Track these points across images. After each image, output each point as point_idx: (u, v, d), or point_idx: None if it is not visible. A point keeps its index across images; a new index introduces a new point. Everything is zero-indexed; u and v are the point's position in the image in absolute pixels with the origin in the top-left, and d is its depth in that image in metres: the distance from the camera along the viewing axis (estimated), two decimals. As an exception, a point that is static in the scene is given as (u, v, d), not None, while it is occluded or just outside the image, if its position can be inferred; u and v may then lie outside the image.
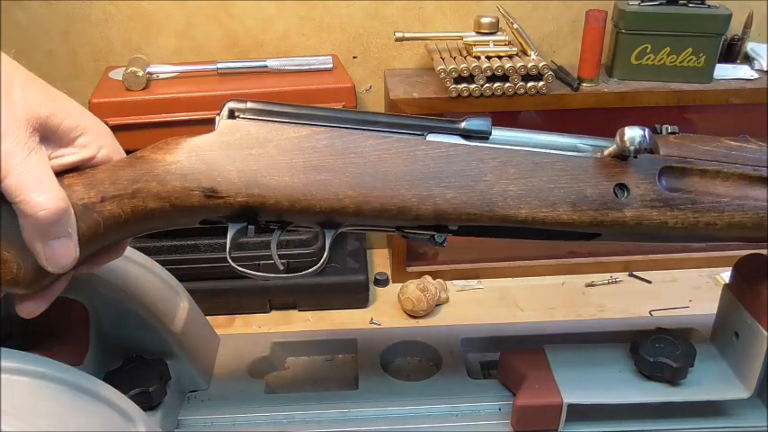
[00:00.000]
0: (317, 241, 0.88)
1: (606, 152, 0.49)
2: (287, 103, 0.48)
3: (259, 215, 0.45)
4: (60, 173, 0.42)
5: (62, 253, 0.41)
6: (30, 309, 0.44)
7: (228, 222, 0.46)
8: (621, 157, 0.49)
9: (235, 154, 0.44)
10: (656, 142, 0.51)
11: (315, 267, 0.47)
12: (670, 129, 0.53)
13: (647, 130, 0.47)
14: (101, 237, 0.43)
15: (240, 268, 0.45)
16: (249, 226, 0.46)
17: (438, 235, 0.48)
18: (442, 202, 0.46)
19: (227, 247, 0.45)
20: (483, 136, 0.49)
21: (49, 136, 0.41)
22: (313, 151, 0.45)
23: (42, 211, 0.39)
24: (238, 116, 0.46)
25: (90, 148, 0.44)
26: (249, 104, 0.46)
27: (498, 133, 0.49)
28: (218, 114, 0.46)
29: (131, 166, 0.44)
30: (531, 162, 0.48)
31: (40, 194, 0.39)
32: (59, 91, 0.43)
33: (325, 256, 0.46)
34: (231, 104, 0.46)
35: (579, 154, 0.49)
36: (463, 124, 0.48)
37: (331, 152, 0.45)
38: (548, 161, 0.48)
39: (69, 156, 0.43)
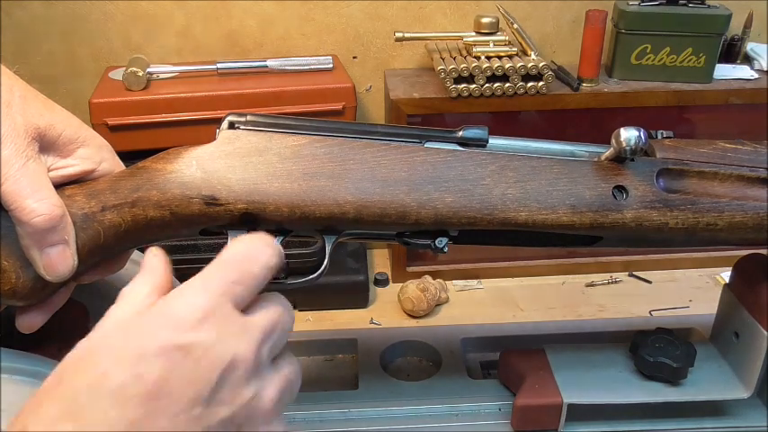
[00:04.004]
0: (317, 241, 0.88)
1: (603, 156, 0.50)
2: (286, 115, 0.48)
3: (259, 223, 0.45)
4: (62, 184, 0.43)
5: (59, 261, 0.41)
6: (29, 322, 0.44)
7: (228, 231, 0.46)
8: (619, 159, 0.49)
9: (235, 162, 0.45)
10: (653, 146, 0.52)
11: (314, 275, 0.47)
12: (665, 133, 0.53)
13: (642, 130, 0.47)
14: (101, 247, 0.43)
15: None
16: None
17: (439, 240, 0.48)
18: (441, 207, 0.46)
19: None
20: (480, 144, 0.49)
21: (48, 147, 0.42)
22: (312, 159, 0.46)
23: (37, 218, 0.39)
24: (238, 127, 0.46)
25: (91, 160, 0.44)
26: (249, 117, 0.47)
27: (495, 141, 0.50)
28: (218, 127, 0.47)
29: (132, 175, 0.44)
30: (528, 166, 0.48)
31: (35, 201, 0.39)
32: (59, 105, 0.43)
33: (325, 263, 0.46)
34: (231, 117, 0.47)
35: (577, 158, 0.50)
36: (461, 133, 0.49)
37: (330, 159, 0.46)
38: (545, 165, 0.48)
39: (70, 168, 0.43)
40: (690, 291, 0.95)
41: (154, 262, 0.39)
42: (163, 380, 0.32)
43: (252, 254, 0.38)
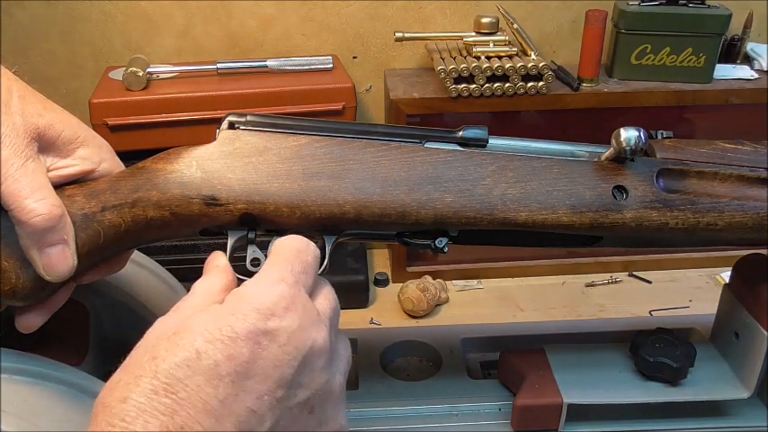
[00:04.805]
0: (317, 241, 0.88)
1: (603, 156, 0.50)
2: (286, 115, 0.48)
3: (259, 223, 0.46)
4: (62, 185, 0.43)
5: (59, 260, 0.41)
6: (29, 322, 0.44)
7: (228, 231, 0.46)
8: (618, 159, 0.49)
9: (234, 163, 0.45)
10: (653, 146, 0.52)
11: None
12: (665, 133, 0.53)
13: (642, 130, 0.47)
14: (101, 247, 0.43)
15: (241, 277, 0.45)
16: (249, 235, 0.46)
17: (439, 240, 0.49)
18: (441, 207, 0.46)
19: (227, 255, 0.45)
20: (480, 144, 0.49)
21: (48, 147, 0.42)
22: (312, 159, 0.46)
23: (36, 218, 0.39)
24: (238, 127, 0.46)
25: (90, 161, 0.44)
26: (249, 117, 0.47)
27: (495, 141, 0.50)
28: (218, 127, 0.47)
29: (132, 176, 0.44)
30: (528, 166, 0.48)
31: (35, 201, 0.39)
32: (59, 105, 0.43)
33: (325, 263, 0.46)
34: (231, 117, 0.47)
35: (577, 159, 0.50)
36: (460, 133, 0.49)
37: (330, 159, 0.46)
38: (545, 165, 0.48)
39: (69, 168, 0.43)
40: (690, 291, 0.95)
41: (222, 262, 0.42)
42: (251, 362, 0.34)
43: (302, 247, 0.41)
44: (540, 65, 0.83)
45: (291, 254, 0.40)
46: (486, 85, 0.84)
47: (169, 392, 0.33)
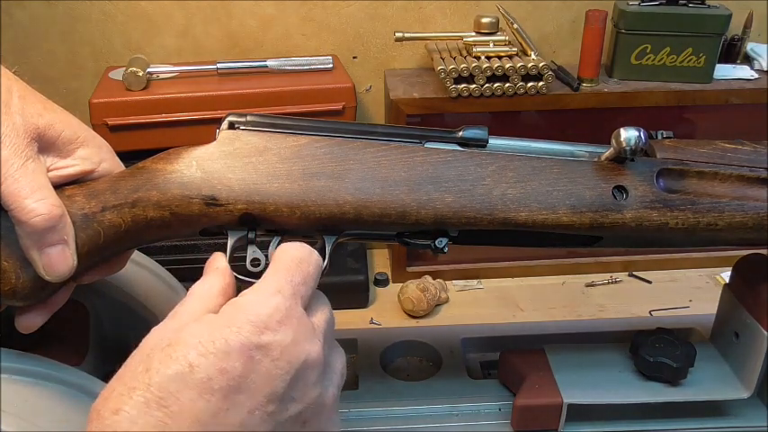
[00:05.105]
0: (317, 241, 0.88)
1: (603, 156, 0.50)
2: (286, 115, 0.48)
3: (259, 223, 0.46)
4: (62, 185, 0.43)
5: (59, 261, 0.41)
6: (28, 322, 0.44)
7: (228, 231, 0.46)
8: (618, 159, 0.49)
9: (234, 163, 0.45)
10: (653, 146, 0.52)
11: None
12: (665, 133, 0.53)
13: (642, 130, 0.47)
14: (101, 247, 0.43)
15: (241, 277, 0.45)
16: (249, 235, 0.46)
17: (439, 240, 0.49)
18: (441, 207, 0.46)
19: (227, 255, 0.45)
20: (480, 144, 0.49)
21: (48, 147, 0.42)
22: (312, 159, 0.46)
23: (36, 218, 0.39)
24: (238, 127, 0.46)
25: (90, 161, 0.44)
26: (249, 117, 0.47)
27: (495, 141, 0.50)
28: (218, 128, 0.47)
29: (132, 176, 0.44)
30: (529, 166, 0.48)
31: (35, 201, 0.39)
32: (59, 105, 0.43)
33: (325, 263, 0.46)
34: (231, 117, 0.47)
35: (577, 159, 0.50)
36: (461, 133, 0.49)
37: (330, 159, 0.46)
38: (545, 165, 0.48)
39: (69, 168, 0.43)
40: (690, 291, 0.95)
41: (221, 264, 0.42)
42: (244, 376, 0.34)
43: (305, 256, 0.41)
44: (540, 65, 0.83)
45: (293, 263, 0.40)
46: (486, 85, 0.84)
47: (161, 405, 0.33)
